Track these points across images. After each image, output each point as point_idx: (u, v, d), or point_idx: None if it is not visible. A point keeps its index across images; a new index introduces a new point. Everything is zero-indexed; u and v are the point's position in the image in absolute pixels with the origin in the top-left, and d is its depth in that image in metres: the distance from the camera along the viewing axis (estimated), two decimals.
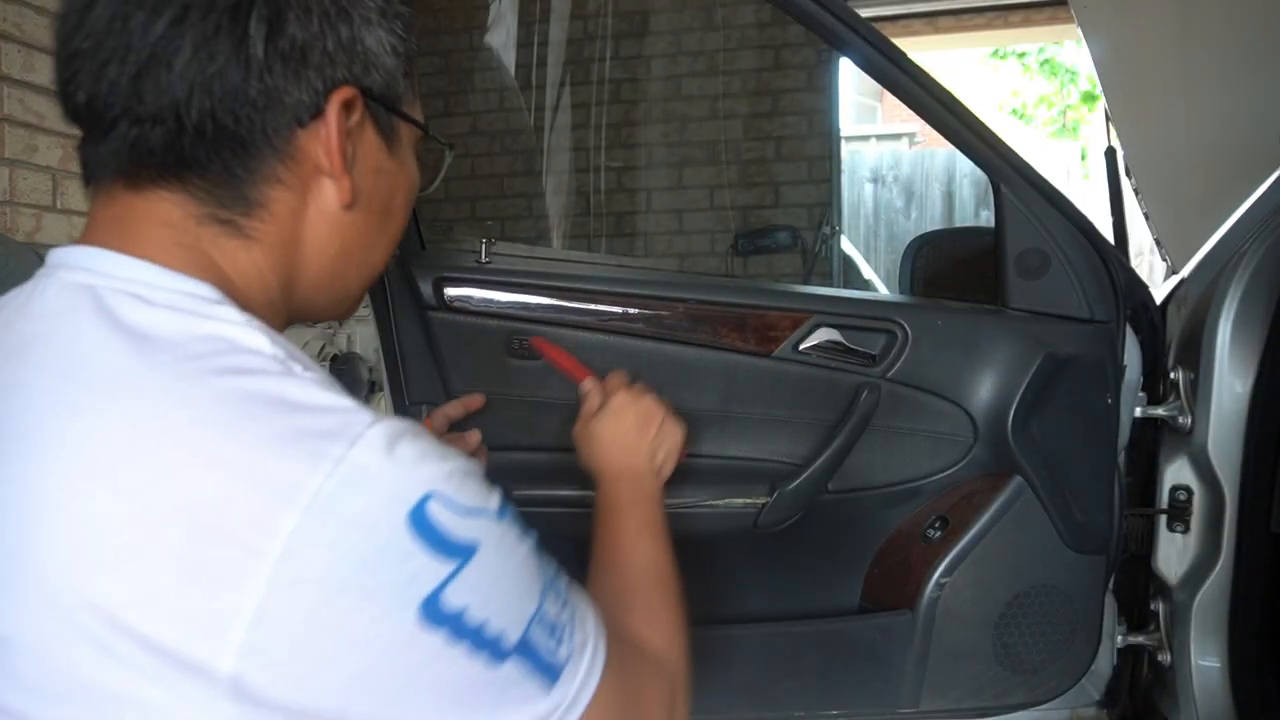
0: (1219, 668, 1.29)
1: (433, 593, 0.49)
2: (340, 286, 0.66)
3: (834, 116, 3.87)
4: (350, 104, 0.58)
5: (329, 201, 0.60)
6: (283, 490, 0.47)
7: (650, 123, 3.89)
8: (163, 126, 0.54)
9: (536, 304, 1.23)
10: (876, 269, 4.11)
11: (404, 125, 0.64)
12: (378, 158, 0.62)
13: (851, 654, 1.30)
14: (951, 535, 1.28)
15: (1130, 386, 1.32)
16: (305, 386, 0.51)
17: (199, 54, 0.53)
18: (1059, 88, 9.94)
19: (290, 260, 0.60)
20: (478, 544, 0.51)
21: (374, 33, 0.59)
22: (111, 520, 0.47)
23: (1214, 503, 1.29)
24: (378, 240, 0.66)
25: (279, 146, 0.56)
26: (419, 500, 0.49)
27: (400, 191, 0.66)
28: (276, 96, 0.55)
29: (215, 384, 0.50)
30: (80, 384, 0.50)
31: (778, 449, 1.27)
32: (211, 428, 0.48)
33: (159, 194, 0.56)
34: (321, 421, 0.50)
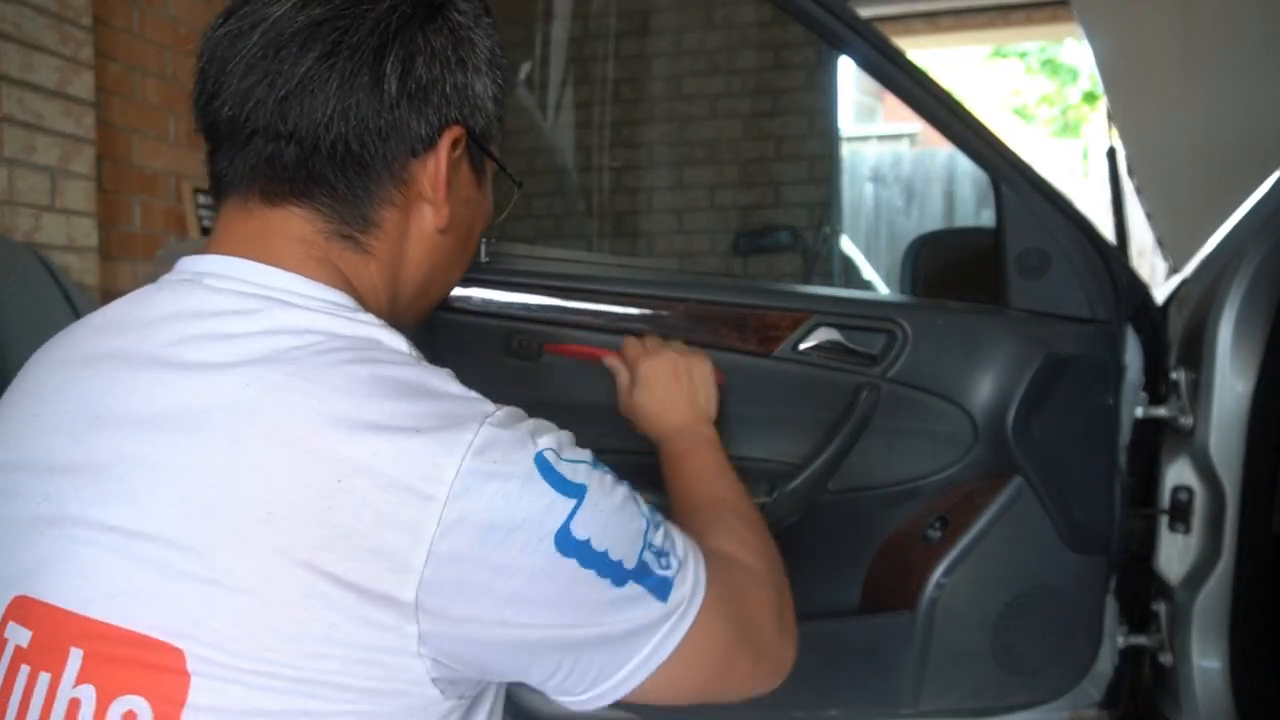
0: (1220, 669, 1.28)
1: (563, 525, 0.58)
2: (425, 300, 0.75)
3: (834, 116, 3.86)
4: (457, 141, 0.67)
5: (427, 224, 0.69)
6: (443, 450, 0.56)
7: (650, 122, 3.89)
8: (298, 146, 0.62)
9: (536, 304, 1.23)
10: (877, 269, 4.10)
11: (489, 162, 0.74)
12: (469, 190, 0.72)
13: (851, 654, 1.30)
14: (951, 535, 1.28)
15: (1131, 386, 1.32)
16: (442, 379, 0.61)
17: (343, 87, 0.61)
18: (1060, 87, 9.94)
19: (396, 275, 0.69)
20: (587, 485, 0.61)
21: (481, 80, 0.68)
22: (307, 475, 0.55)
23: (1215, 503, 1.28)
24: (458, 261, 0.75)
25: (395, 172, 0.65)
26: (540, 450, 0.59)
27: (480, 220, 0.75)
28: (400, 128, 0.64)
29: (377, 371, 0.58)
30: (271, 365, 0.58)
31: (778, 449, 1.27)
32: (381, 402, 0.57)
33: (291, 210, 0.64)
34: (461, 406, 0.59)
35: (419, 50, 0.64)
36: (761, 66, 3.85)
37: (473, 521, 0.56)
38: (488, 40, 0.69)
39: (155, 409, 0.58)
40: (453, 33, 0.66)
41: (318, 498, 0.54)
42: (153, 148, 2.86)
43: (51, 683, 0.54)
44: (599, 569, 0.60)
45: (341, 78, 0.61)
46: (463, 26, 0.67)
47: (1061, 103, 9.95)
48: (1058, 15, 5.41)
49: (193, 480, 0.55)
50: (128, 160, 2.77)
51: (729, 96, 3.86)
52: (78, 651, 0.54)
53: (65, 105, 2.42)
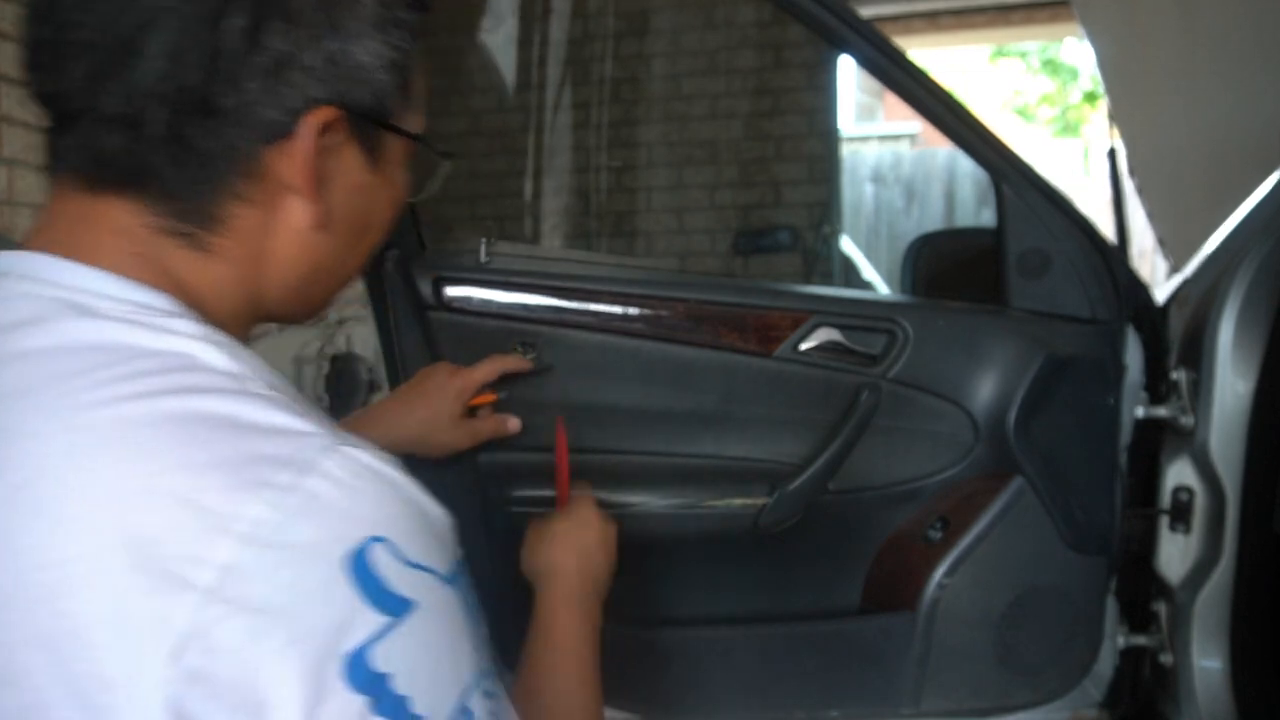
0: (1221, 669, 1.28)
1: (360, 647, 0.44)
2: (308, 298, 0.63)
3: (834, 116, 3.87)
4: (330, 124, 0.54)
5: (297, 221, 0.56)
6: (220, 520, 0.44)
7: (650, 122, 3.89)
8: (121, 131, 0.50)
9: (536, 304, 1.23)
10: (877, 269, 4.10)
11: (395, 138, 0.59)
12: (359, 176, 0.58)
13: (852, 655, 1.30)
14: (952, 536, 1.27)
15: (1132, 386, 1.32)
16: (261, 407, 0.48)
17: (167, 62, 0.49)
18: (1060, 87, 9.94)
19: (255, 276, 0.57)
20: (416, 603, 0.46)
21: (367, 44, 0.54)
22: (66, 549, 0.45)
23: (1216, 503, 1.28)
24: (352, 255, 0.62)
25: (243, 163, 0.52)
26: (364, 541, 0.46)
27: (382, 207, 0.62)
28: (246, 114, 0.51)
29: (163, 405, 0.47)
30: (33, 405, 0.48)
31: (778, 449, 1.27)
32: (155, 455, 0.46)
33: (116, 200, 0.52)
34: (273, 446, 0.47)
35: (271, 13, 0.50)
36: (761, 66, 3.85)
37: (248, 613, 0.43)
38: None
39: None
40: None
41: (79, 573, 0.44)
42: None
43: None
44: (394, 718, 0.45)
45: (164, 50, 0.49)
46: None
47: (1061, 103, 9.96)
48: (1058, 15, 5.41)
49: None
50: None
51: (729, 96, 3.86)
52: None
53: None
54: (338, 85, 0.53)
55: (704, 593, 1.34)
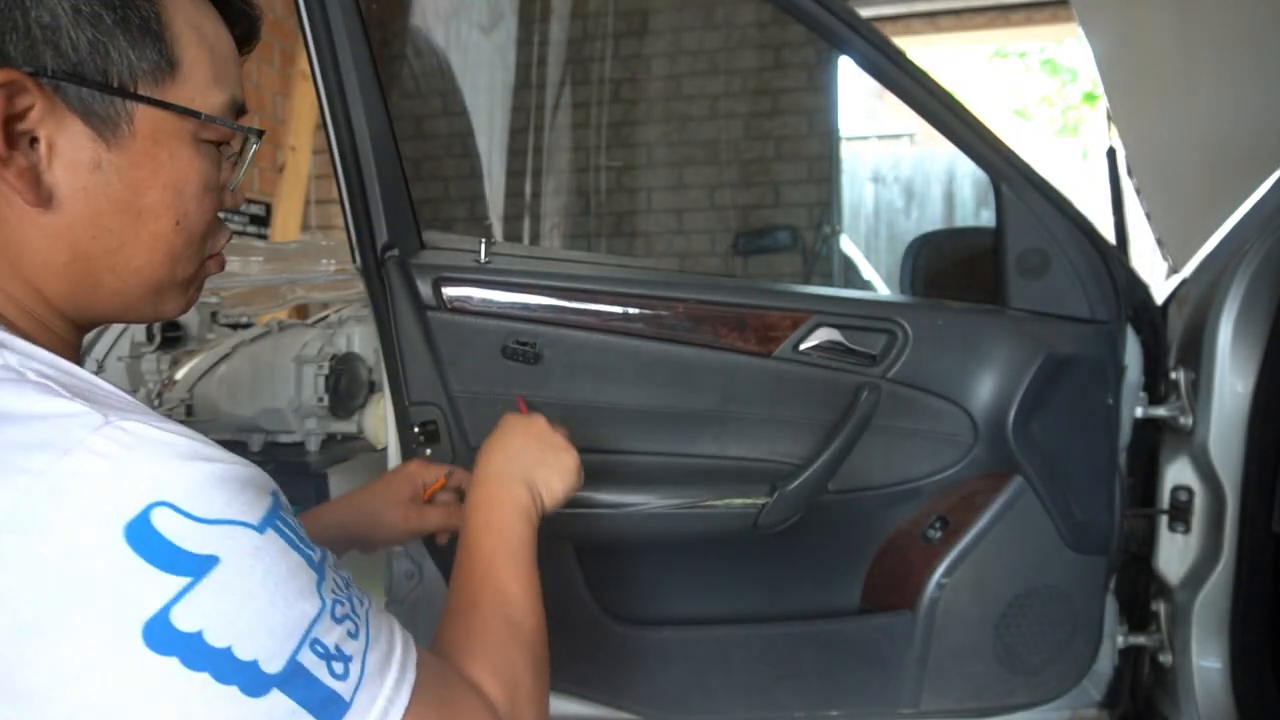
0: (1220, 668, 1.28)
1: (158, 613, 0.43)
2: (105, 294, 0.58)
3: (834, 116, 3.87)
4: (13, 90, 0.50)
5: (23, 203, 0.53)
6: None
7: (650, 122, 3.89)
8: None
9: (536, 304, 1.23)
10: (877, 269, 4.10)
11: (147, 109, 0.54)
12: (90, 150, 0.53)
13: (852, 654, 1.30)
14: (952, 536, 1.28)
15: (1131, 386, 1.32)
16: (28, 394, 0.47)
17: None
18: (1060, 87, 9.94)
19: (14, 269, 0.54)
20: (218, 556, 0.45)
21: (54, 4, 0.51)
22: None
23: (1215, 503, 1.28)
24: (128, 242, 0.56)
25: None
26: (143, 509, 0.44)
27: (150, 187, 0.56)
28: None
29: None
30: None
31: (778, 449, 1.27)
32: None
33: None
34: (34, 431, 0.45)
35: None
36: (761, 66, 3.85)
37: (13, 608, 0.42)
38: None
39: None
40: None
41: None
42: None
43: None
44: (216, 671, 0.44)
45: None
46: None
47: (1061, 103, 9.96)
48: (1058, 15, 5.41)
49: None
50: None
51: (729, 96, 3.86)
52: None
53: None
54: (17, 49, 0.50)
55: (704, 593, 1.34)
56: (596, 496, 1.18)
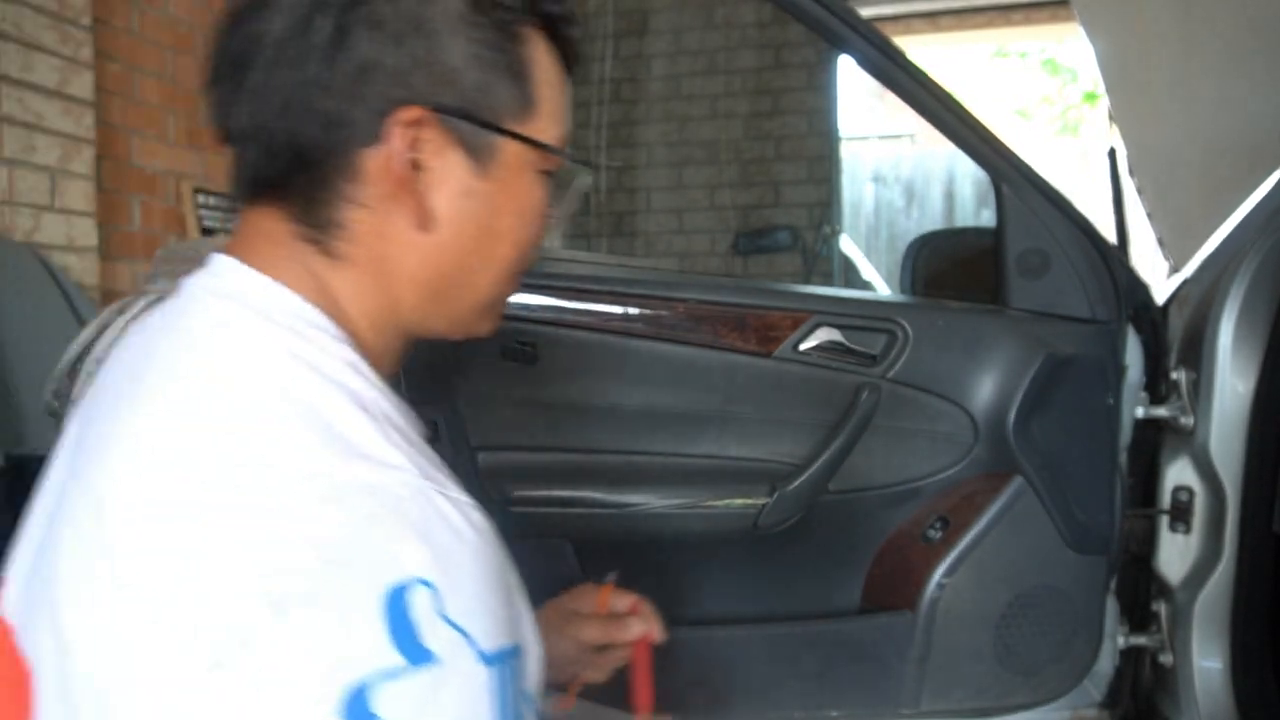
0: (1221, 669, 1.28)
1: (365, 681, 0.44)
2: (446, 310, 0.63)
3: (834, 116, 3.87)
4: (420, 124, 0.55)
5: (406, 224, 0.57)
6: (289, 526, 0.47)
7: (650, 122, 3.89)
8: (255, 146, 0.57)
9: (537, 304, 1.23)
10: (877, 269, 4.10)
11: (510, 142, 0.59)
12: (465, 179, 0.58)
13: (852, 655, 1.30)
14: (952, 536, 1.27)
15: (1132, 387, 1.32)
16: (370, 431, 0.51)
17: (268, 74, 0.54)
18: (1060, 87, 9.94)
19: (384, 281, 0.59)
20: (440, 659, 0.45)
21: (455, 44, 0.55)
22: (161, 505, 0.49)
23: (1216, 503, 1.28)
24: (479, 263, 0.61)
25: (345, 167, 0.55)
26: (409, 580, 0.46)
27: (505, 213, 0.61)
28: (340, 117, 0.54)
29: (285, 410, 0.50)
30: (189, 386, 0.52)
31: (778, 449, 1.27)
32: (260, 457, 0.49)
33: (266, 209, 0.58)
34: (367, 472, 0.49)
35: (354, 21, 0.53)
36: (761, 66, 3.85)
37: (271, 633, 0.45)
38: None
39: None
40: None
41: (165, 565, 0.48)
42: (152, 148, 2.86)
43: None
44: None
45: (266, 68, 0.54)
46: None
47: (1061, 103, 9.95)
48: (1058, 15, 5.41)
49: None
50: (127, 160, 2.77)
51: (729, 96, 3.86)
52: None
53: (65, 105, 2.42)
54: (423, 86, 0.55)
55: (704, 593, 1.34)
56: (597, 496, 1.18)
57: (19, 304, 2.03)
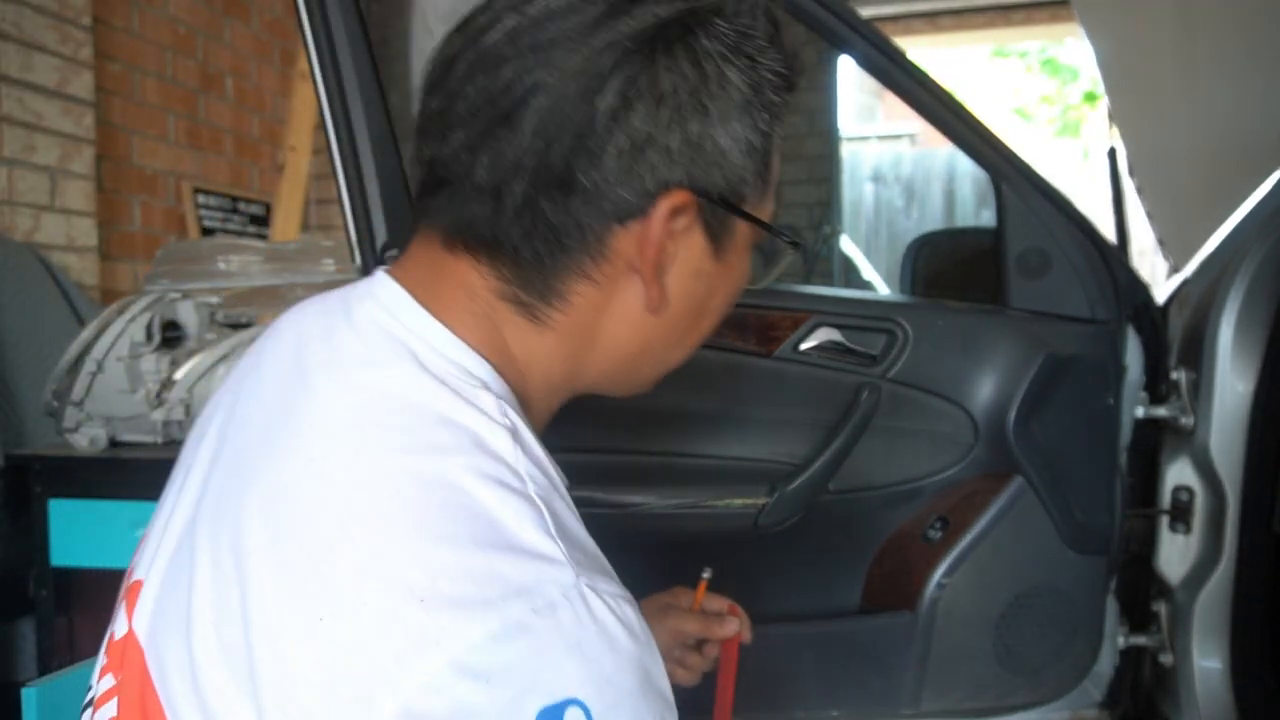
0: (1221, 669, 1.28)
1: None
2: (630, 378, 0.62)
3: (834, 116, 3.87)
4: (681, 208, 0.53)
5: (634, 302, 0.55)
6: (439, 633, 0.42)
7: None
8: (486, 201, 0.52)
9: None
10: (877, 269, 4.10)
11: (742, 224, 0.57)
12: (701, 261, 0.56)
13: (852, 655, 1.30)
14: (952, 536, 1.27)
15: (1132, 387, 1.32)
16: (523, 516, 0.46)
17: (536, 137, 0.50)
18: (1060, 87, 9.94)
19: (582, 351, 0.57)
20: None
21: (730, 128, 0.53)
22: (303, 585, 0.46)
23: (1216, 503, 1.28)
24: (681, 339, 0.61)
25: (592, 243, 0.52)
26: (563, 700, 0.42)
27: (720, 294, 0.60)
28: (601, 192, 0.51)
29: (437, 491, 0.47)
30: (346, 440, 0.50)
31: (778, 449, 1.27)
32: (404, 549, 0.45)
33: (469, 261, 0.54)
34: (519, 569, 0.44)
35: (641, 93, 0.50)
36: None
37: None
38: (750, 73, 0.53)
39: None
40: (696, 68, 0.51)
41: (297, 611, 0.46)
42: (152, 148, 2.86)
43: None
44: None
45: (534, 127, 0.50)
46: (711, 58, 0.51)
47: (1061, 103, 9.96)
48: (1058, 15, 5.41)
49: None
50: (127, 160, 2.77)
51: None
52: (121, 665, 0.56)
53: (65, 105, 2.42)
54: (695, 168, 0.52)
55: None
56: (597, 496, 1.18)
57: (19, 304, 2.03)
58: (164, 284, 1.66)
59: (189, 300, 1.57)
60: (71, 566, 1.42)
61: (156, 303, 1.54)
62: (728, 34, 0.52)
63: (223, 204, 3.13)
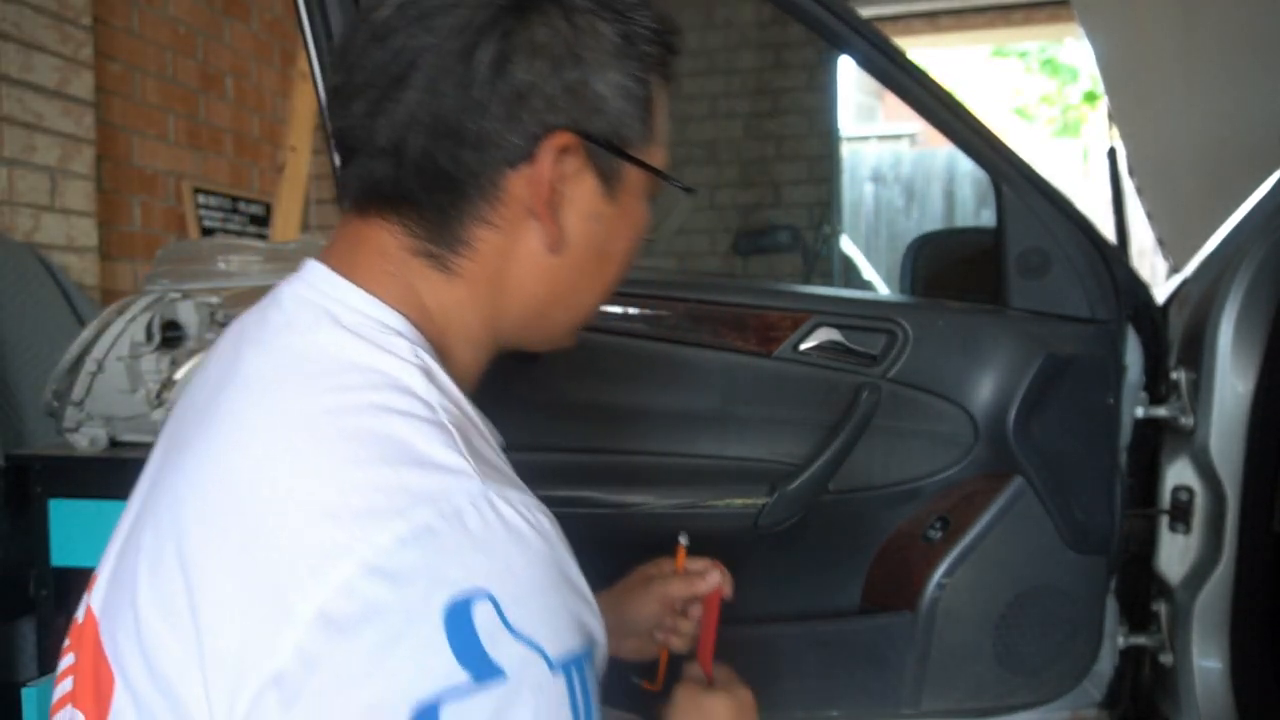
0: (1220, 668, 1.28)
1: (433, 699, 0.43)
2: (546, 325, 0.65)
3: (834, 116, 3.86)
4: (567, 149, 0.57)
5: (536, 244, 0.59)
6: (343, 545, 0.46)
7: None
8: (388, 161, 0.57)
9: None
10: (877, 269, 4.10)
11: (633, 169, 0.61)
12: (595, 203, 0.61)
13: (852, 655, 1.30)
14: (952, 536, 1.27)
15: (1132, 386, 1.32)
16: (434, 437, 0.50)
17: (426, 94, 0.55)
18: (1060, 87, 9.94)
19: (494, 298, 0.61)
20: (505, 673, 0.44)
21: (606, 75, 0.57)
22: (227, 523, 0.50)
23: (1215, 503, 1.28)
24: (589, 284, 0.64)
25: (487, 188, 0.57)
26: (470, 594, 0.45)
27: (621, 237, 0.64)
28: (491, 139, 0.55)
29: (347, 421, 0.50)
30: (269, 392, 0.54)
31: (778, 449, 1.27)
32: (317, 472, 0.49)
33: (380, 223, 0.59)
34: (425, 479, 0.48)
35: (517, 46, 0.55)
36: (761, 66, 3.85)
37: (342, 634, 0.44)
38: (619, 25, 0.58)
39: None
40: (566, 20, 0.56)
41: (231, 547, 0.50)
42: (152, 148, 2.86)
43: None
44: None
45: (423, 85, 0.55)
46: (581, 12, 0.56)
47: (1061, 103, 9.96)
48: (1058, 15, 5.41)
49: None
50: (127, 160, 2.77)
51: (729, 96, 3.86)
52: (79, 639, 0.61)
53: (65, 105, 2.42)
54: (576, 112, 0.57)
55: None
56: (597, 496, 1.18)
57: (19, 304, 2.03)
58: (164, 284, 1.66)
59: (189, 300, 1.57)
60: (72, 566, 1.42)
61: (157, 303, 1.54)
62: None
63: (223, 204, 3.13)
